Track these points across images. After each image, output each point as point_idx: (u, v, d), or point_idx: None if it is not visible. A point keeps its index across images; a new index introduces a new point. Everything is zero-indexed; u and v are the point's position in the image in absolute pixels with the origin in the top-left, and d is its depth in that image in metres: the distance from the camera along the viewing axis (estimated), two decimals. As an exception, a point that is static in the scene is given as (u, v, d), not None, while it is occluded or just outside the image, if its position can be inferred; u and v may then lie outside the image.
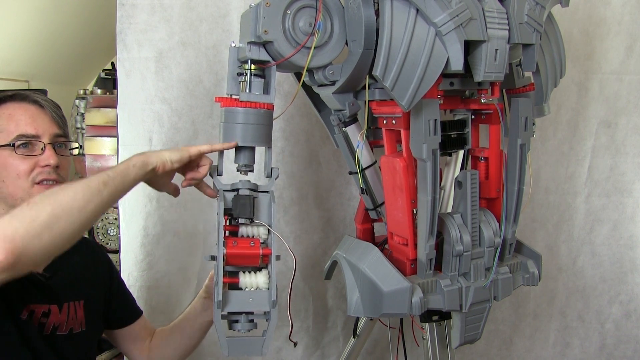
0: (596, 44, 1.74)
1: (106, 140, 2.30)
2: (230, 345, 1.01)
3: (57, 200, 0.84)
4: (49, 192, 0.87)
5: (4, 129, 1.04)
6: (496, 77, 1.03)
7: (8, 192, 1.04)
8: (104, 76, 2.58)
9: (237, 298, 1.03)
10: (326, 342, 1.86)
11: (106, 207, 0.92)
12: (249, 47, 1.03)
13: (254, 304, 1.03)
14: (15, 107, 1.07)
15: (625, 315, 1.89)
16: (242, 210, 1.05)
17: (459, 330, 1.18)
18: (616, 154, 1.81)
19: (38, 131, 1.06)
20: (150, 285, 1.72)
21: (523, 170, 1.16)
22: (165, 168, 1.00)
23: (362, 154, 1.23)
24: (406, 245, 1.15)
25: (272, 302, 1.02)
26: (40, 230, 0.80)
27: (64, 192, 0.86)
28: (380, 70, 0.96)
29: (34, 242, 0.80)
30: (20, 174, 1.04)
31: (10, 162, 1.03)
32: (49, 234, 0.82)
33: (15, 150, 1.03)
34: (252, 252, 1.03)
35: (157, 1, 1.61)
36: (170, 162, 1.01)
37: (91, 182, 0.89)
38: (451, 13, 0.95)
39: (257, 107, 1.04)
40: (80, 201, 0.86)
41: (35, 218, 0.81)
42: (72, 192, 0.87)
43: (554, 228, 1.84)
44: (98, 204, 0.89)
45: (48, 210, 0.82)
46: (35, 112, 1.08)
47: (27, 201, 0.84)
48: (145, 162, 0.98)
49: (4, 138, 1.04)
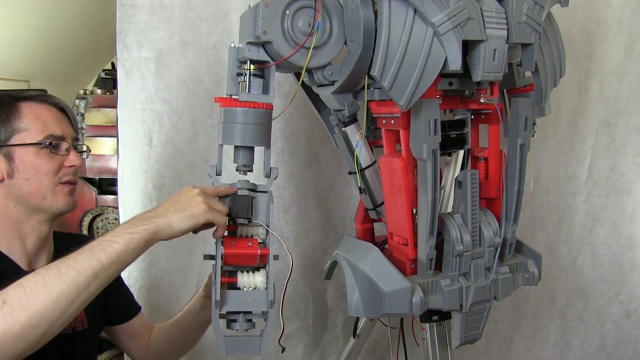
0: (596, 44, 1.74)
1: (106, 140, 2.31)
2: (227, 345, 1.01)
3: (36, 305, 0.74)
4: (28, 291, 0.75)
5: (30, 127, 1.04)
6: (495, 77, 1.03)
7: (30, 190, 1.04)
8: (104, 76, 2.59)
9: (235, 298, 1.02)
10: (326, 342, 1.86)
11: (93, 297, 0.83)
12: (248, 48, 1.03)
13: (252, 303, 1.02)
14: (40, 107, 1.07)
15: (625, 315, 1.89)
16: (241, 211, 1.05)
17: (459, 330, 1.18)
18: (616, 154, 1.80)
19: (63, 133, 1.08)
20: (150, 285, 1.73)
21: (523, 170, 1.16)
22: (172, 237, 0.94)
23: (362, 154, 1.23)
24: (406, 245, 1.15)
25: (270, 302, 1.02)
26: (13, 343, 0.73)
27: (46, 294, 0.76)
28: (378, 70, 0.96)
29: (5, 355, 0.73)
30: (48, 173, 1.05)
31: (38, 161, 1.04)
32: (23, 344, 0.74)
33: (49, 149, 1.05)
34: (250, 252, 1.03)
35: (157, 1, 1.61)
36: (180, 233, 0.94)
37: (79, 277, 0.79)
38: (449, 13, 0.95)
39: (256, 107, 1.04)
40: (63, 304, 0.77)
41: (7, 331, 0.72)
42: (54, 294, 0.76)
43: (554, 228, 1.84)
44: (83, 300, 0.80)
45: (23, 321, 0.73)
46: (58, 114, 1.10)
47: (2, 299, 0.73)
48: (149, 240, 0.90)
49: (32, 136, 1.04)
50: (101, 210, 2.31)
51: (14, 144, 1.03)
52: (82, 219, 2.29)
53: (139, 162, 1.68)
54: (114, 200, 2.22)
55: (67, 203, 1.09)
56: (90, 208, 2.30)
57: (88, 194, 2.30)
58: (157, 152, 1.68)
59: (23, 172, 1.03)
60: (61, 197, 1.08)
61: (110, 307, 1.27)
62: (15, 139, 1.03)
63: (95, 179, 2.34)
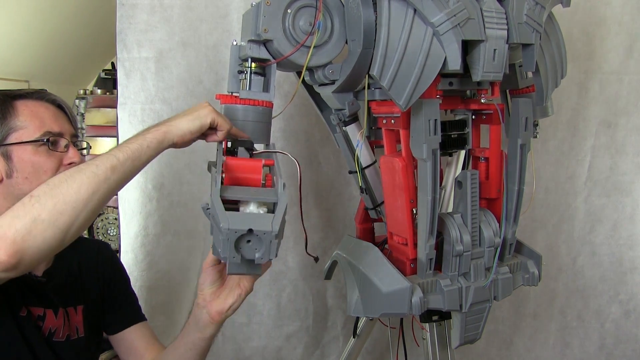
0: (596, 44, 1.74)
1: (106, 140, 2.31)
2: (232, 219, 0.79)
3: (60, 194, 0.81)
4: (52, 184, 0.82)
5: (26, 125, 1.02)
6: (495, 77, 1.03)
7: (30, 189, 0.98)
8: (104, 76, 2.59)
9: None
10: (326, 342, 1.86)
11: (113, 194, 0.88)
12: (249, 45, 1.03)
13: (260, 194, 0.88)
14: (36, 105, 1.05)
15: (624, 314, 1.89)
16: (243, 143, 1.00)
17: (459, 330, 1.18)
18: (616, 154, 1.81)
19: (61, 129, 1.06)
20: (150, 285, 1.73)
21: (523, 170, 1.16)
22: (184, 140, 0.94)
23: (362, 154, 1.23)
24: (406, 245, 1.15)
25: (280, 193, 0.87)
26: (43, 229, 0.79)
27: (68, 185, 0.82)
28: (377, 70, 0.96)
29: (37, 241, 0.78)
30: (47, 171, 1.03)
31: (36, 159, 1.02)
32: (52, 232, 0.80)
33: (47, 147, 1.03)
34: (253, 163, 0.94)
35: (157, 1, 1.61)
36: (190, 133, 0.94)
37: (98, 170, 0.84)
38: (448, 13, 0.95)
39: (256, 104, 1.04)
40: (85, 193, 0.82)
41: (37, 217, 0.78)
42: (76, 184, 0.82)
43: (554, 228, 1.84)
44: (105, 192, 0.85)
45: (50, 207, 0.80)
46: (55, 111, 1.08)
47: (30, 194, 0.81)
48: (162, 141, 0.92)
49: (29, 134, 1.02)
50: (101, 210, 2.31)
51: (11, 142, 1.01)
52: (82, 219, 2.29)
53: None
54: (114, 200, 2.22)
55: None
56: (90, 208, 2.30)
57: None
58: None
59: (22, 171, 1.01)
60: None
61: (105, 311, 1.22)
62: (12, 137, 1.01)
63: (95, 179, 2.34)
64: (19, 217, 0.78)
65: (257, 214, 0.85)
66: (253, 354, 1.81)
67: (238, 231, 0.79)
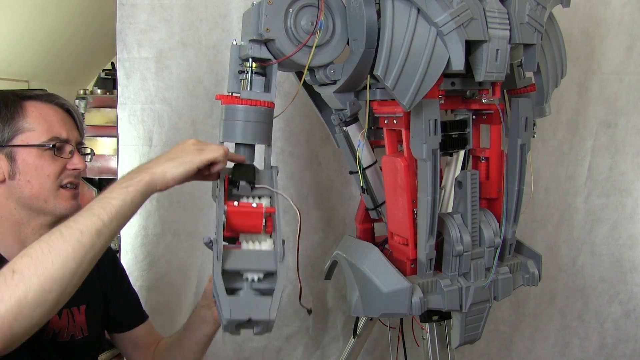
0: (596, 44, 1.74)
1: (106, 140, 2.31)
2: (232, 305, 0.83)
3: (46, 270, 0.75)
4: (35, 257, 0.75)
5: (34, 127, 1.01)
6: (497, 77, 1.03)
7: (31, 193, 1.02)
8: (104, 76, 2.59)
9: (239, 256, 0.90)
10: (326, 342, 1.86)
11: (101, 254, 0.83)
12: (250, 45, 1.03)
13: (259, 262, 0.90)
14: (45, 107, 1.04)
15: (624, 314, 1.89)
16: (245, 174, 0.98)
17: (459, 330, 1.18)
18: (616, 154, 1.81)
19: (68, 135, 1.05)
20: (150, 285, 1.72)
21: (523, 170, 1.16)
22: (168, 187, 0.91)
23: (363, 154, 1.23)
24: (406, 245, 1.15)
25: (280, 256, 0.89)
26: (30, 312, 0.73)
27: (53, 258, 0.76)
28: (381, 70, 0.96)
29: (25, 324, 0.73)
30: (51, 176, 1.02)
31: (41, 162, 1.01)
32: (40, 311, 0.74)
33: (53, 152, 1.02)
34: (255, 210, 0.94)
35: (157, 1, 1.61)
36: (174, 181, 0.91)
37: (83, 237, 0.78)
38: (452, 13, 0.95)
39: (257, 104, 1.04)
40: (72, 266, 0.77)
41: (22, 299, 0.72)
42: (62, 257, 0.76)
43: (554, 228, 1.84)
44: (91, 259, 0.80)
45: (36, 287, 0.73)
46: (64, 115, 1.07)
47: (11, 269, 0.74)
48: (145, 192, 0.87)
49: (35, 137, 1.01)
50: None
51: (17, 144, 1.00)
52: (82, 219, 2.29)
53: (138, 162, 1.68)
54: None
55: (70, 207, 1.06)
56: (90, 208, 2.30)
57: (88, 194, 2.30)
58: (157, 152, 1.68)
59: (25, 174, 1.01)
60: (63, 201, 1.05)
61: (110, 312, 1.23)
62: (19, 139, 1.01)
63: (95, 179, 2.35)
64: (3, 301, 0.71)
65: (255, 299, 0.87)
66: (253, 354, 1.81)
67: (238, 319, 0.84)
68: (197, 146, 0.95)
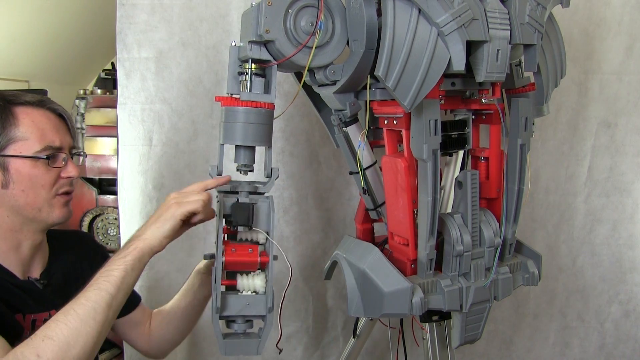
0: (596, 44, 1.74)
1: (106, 140, 2.30)
2: (227, 346, 1.04)
3: (68, 353, 0.83)
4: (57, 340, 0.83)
5: (27, 136, 1.00)
6: (498, 78, 1.03)
7: (26, 202, 1.01)
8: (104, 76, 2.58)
9: (235, 302, 1.03)
10: (326, 342, 1.86)
11: (112, 322, 0.92)
12: (250, 46, 1.03)
13: (251, 308, 1.04)
14: (37, 114, 1.03)
15: (624, 314, 1.89)
16: (242, 218, 1.04)
17: (459, 330, 1.18)
18: (616, 154, 1.81)
19: (62, 143, 1.05)
20: (150, 285, 1.73)
21: (523, 170, 1.16)
22: (163, 245, 0.98)
23: (363, 154, 1.23)
24: (407, 246, 1.15)
25: (269, 308, 1.04)
26: None
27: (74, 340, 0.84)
28: (382, 71, 0.96)
29: None
30: (45, 185, 1.02)
31: (35, 172, 1.01)
32: None
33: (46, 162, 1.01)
34: (251, 259, 1.03)
35: (157, 1, 1.61)
36: (165, 238, 0.98)
37: (97, 314, 0.87)
38: (453, 13, 0.95)
39: (257, 106, 1.03)
40: (90, 343, 0.85)
41: None
42: (82, 338, 0.85)
43: (554, 228, 1.84)
44: (105, 329, 0.89)
45: None
46: (56, 121, 1.06)
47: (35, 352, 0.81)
48: (142, 258, 0.95)
49: (29, 146, 1.00)
50: (101, 210, 2.31)
51: (9, 154, 0.99)
52: (82, 219, 2.29)
53: (139, 162, 1.68)
54: (114, 200, 2.22)
55: (63, 215, 1.06)
56: (90, 208, 2.30)
57: (88, 194, 2.30)
58: (157, 152, 1.68)
59: (19, 184, 1.00)
60: (57, 209, 1.05)
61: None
62: (11, 149, 0.99)
63: (95, 179, 2.34)
64: None
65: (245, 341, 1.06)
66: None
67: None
68: (177, 199, 1.00)
